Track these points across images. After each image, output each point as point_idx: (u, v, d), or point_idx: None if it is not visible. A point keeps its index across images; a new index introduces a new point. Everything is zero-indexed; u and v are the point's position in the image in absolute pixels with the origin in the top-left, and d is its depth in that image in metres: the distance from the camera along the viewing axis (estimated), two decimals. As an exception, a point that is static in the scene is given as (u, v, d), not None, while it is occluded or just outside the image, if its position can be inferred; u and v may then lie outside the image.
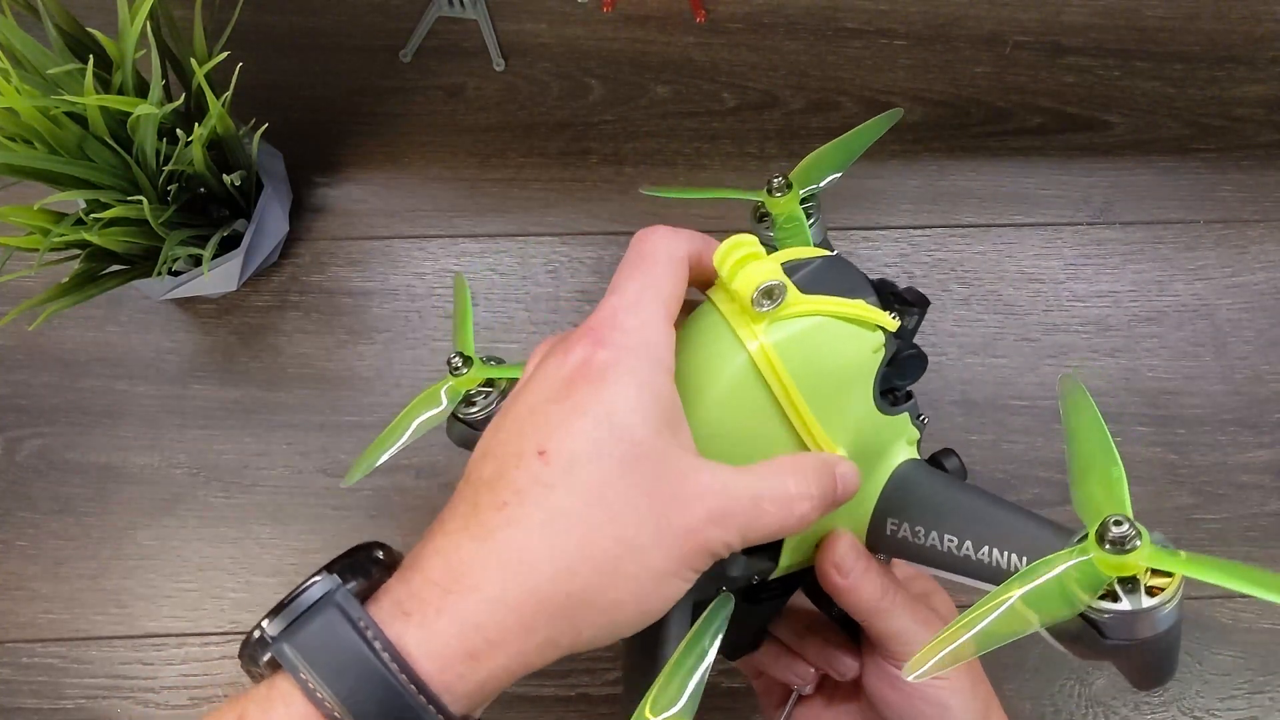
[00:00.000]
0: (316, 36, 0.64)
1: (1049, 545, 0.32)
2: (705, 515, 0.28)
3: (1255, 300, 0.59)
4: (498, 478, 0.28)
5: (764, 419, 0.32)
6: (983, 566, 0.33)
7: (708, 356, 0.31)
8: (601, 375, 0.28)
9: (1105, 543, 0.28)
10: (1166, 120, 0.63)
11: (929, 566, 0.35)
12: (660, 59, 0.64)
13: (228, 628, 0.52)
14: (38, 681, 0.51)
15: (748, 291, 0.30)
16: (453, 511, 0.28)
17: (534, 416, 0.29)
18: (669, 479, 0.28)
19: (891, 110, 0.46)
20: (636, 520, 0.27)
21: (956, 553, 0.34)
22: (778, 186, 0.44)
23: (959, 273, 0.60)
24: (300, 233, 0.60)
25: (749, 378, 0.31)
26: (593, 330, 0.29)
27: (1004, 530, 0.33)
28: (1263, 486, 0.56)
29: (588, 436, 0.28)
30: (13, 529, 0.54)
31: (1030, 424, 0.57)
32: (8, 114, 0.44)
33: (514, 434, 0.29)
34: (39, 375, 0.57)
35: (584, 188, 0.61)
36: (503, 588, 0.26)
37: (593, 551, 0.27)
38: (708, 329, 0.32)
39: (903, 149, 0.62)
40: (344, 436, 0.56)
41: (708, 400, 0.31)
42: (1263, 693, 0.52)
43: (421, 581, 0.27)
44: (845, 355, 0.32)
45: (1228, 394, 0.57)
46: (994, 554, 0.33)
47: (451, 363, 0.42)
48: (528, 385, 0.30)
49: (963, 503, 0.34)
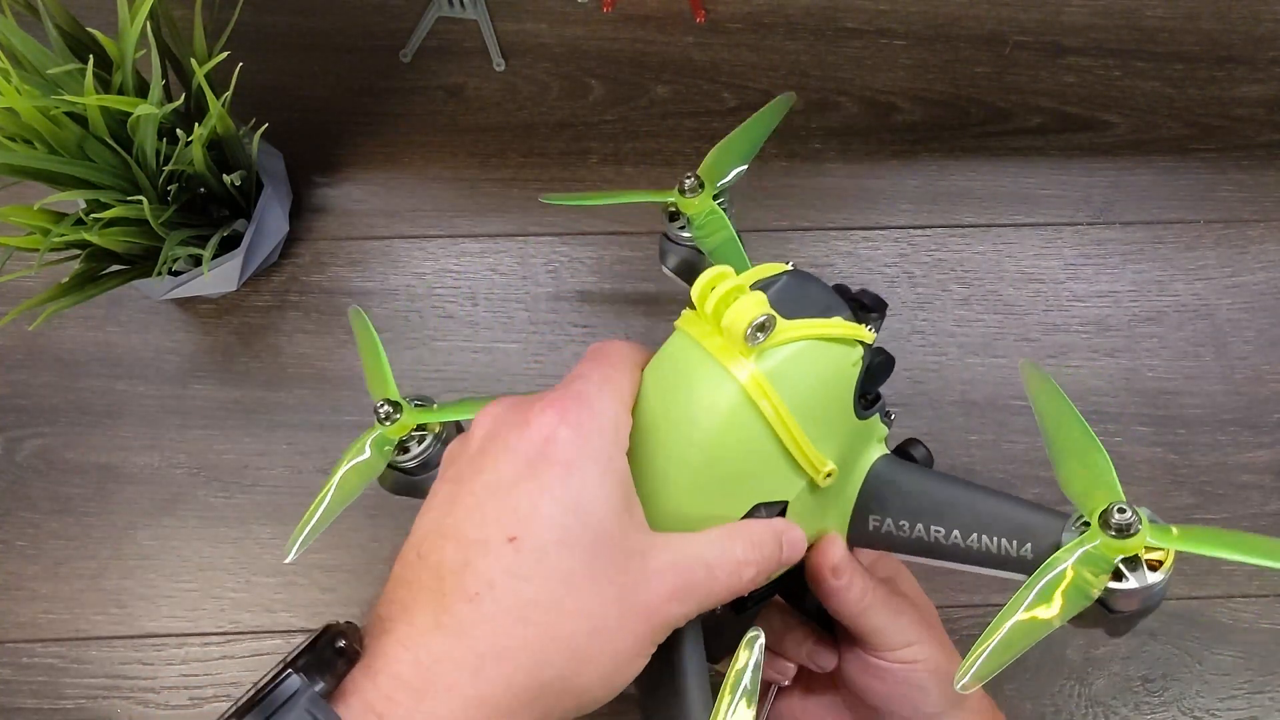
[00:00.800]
0: (316, 36, 0.64)
1: (1037, 526, 0.34)
2: (666, 593, 0.29)
3: (1255, 300, 0.59)
4: (464, 566, 0.27)
5: (759, 447, 0.32)
6: (972, 553, 0.35)
7: (697, 393, 0.31)
8: (568, 457, 0.29)
9: (1110, 529, 0.31)
10: (1166, 120, 0.63)
11: (916, 556, 0.36)
12: (660, 59, 0.64)
13: (228, 628, 0.52)
14: (37, 681, 0.51)
15: (741, 328, 0.30)
16: (413, 597, 0.28)
17: (498, 498, 0.28)
18: (631, 563, 0.29)
19: (784, 95, 0.48)
20: (603, 606, 0.28)
21: (945, 542, 0.35)
22: (691, 186, 0.45)
23: (959, 273, 0.60)
24: (300, 233, 0.60)
25: (743, 409, 0.31)
26: (557, 404, 0.30)
27: (989, 516, 0.35)
28: (1263, 486, 0.56)
29: (557, 524, 0.28)
30: (13, 529, 0.54)
31: (1030, 424, 0.56)
32: (8, 114, 0.44)
33: (476, 515, 0.28)
34: (39, 375, 0.57)
35: (584, 188, 0.61)
36: (476, 686, 0.26)
37: (565, 640, 0.27)
38: (691, 365, 0.32)
39: (903, 149, 0.62)
40: (344, 436, 0.56)
41: (701, 435, 0.31)
42: (1263, 693, 0.51)
43: (391, 682, 0.26)
44: (829, 373, 0.33)
45: (1228, 394, 0.57)
46: (983, 540, 0.35)
47: (380, 411, 0.41)
48: (484, 456, 0.30)
49: (943, 492, 0.36)
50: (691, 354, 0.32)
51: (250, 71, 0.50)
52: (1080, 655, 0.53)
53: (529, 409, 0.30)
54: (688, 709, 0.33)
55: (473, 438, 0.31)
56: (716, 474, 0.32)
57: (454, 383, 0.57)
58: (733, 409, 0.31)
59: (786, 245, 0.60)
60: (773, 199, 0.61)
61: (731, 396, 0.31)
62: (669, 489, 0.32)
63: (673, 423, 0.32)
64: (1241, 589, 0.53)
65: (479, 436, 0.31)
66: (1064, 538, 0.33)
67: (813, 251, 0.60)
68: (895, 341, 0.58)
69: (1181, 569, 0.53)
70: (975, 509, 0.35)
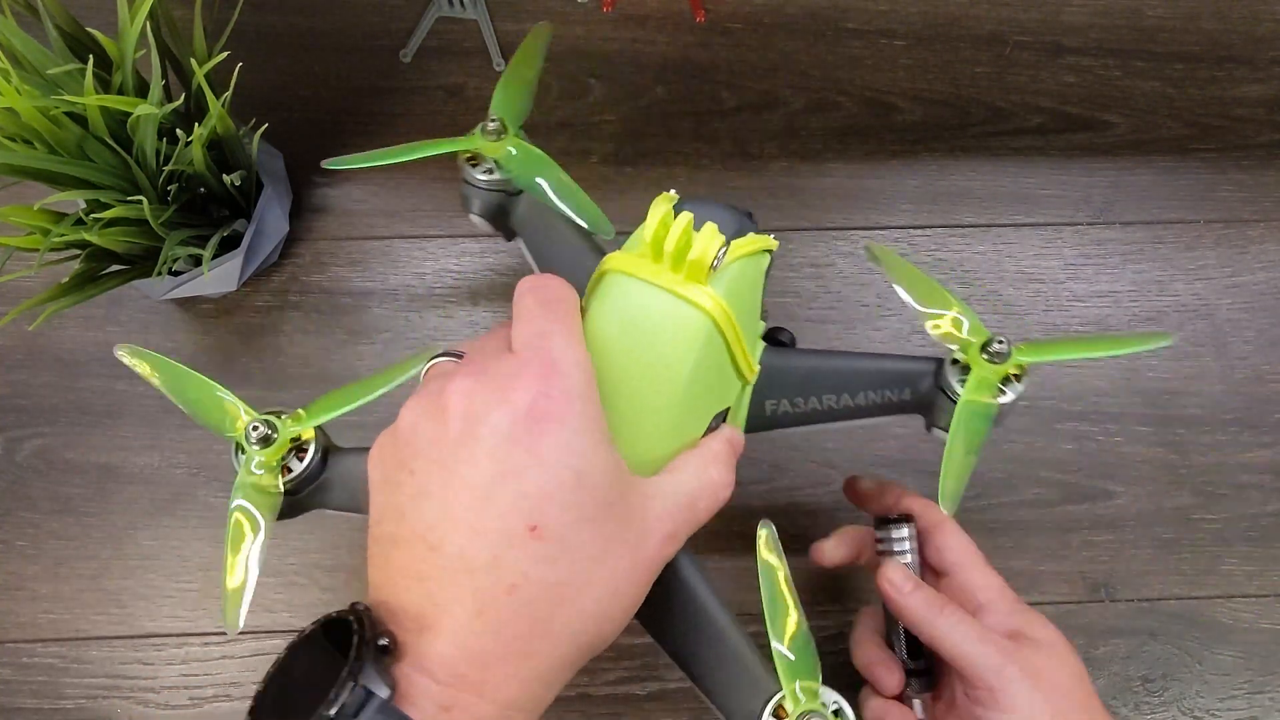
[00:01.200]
0: (316, 36, 0.64)
1: (911, 372, 0.41)
2: (663, 538, 0.32)
3: (1255, 300, 0.59)
4: (494, 561, 0.28)
5: (720, 365, 0.35)
6: (862, 409, 0.41)
7: (666, 333, 0.33)
8: (560, 428, 0.29)
9: (992, 357, 0.39)
10: (1166, 120, 0.63)
11: (818, 424, 0.42)
12: (660, 59, 0.64)
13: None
14: (37, 681, 0.51)
15: (709, 260, 0.32)
16: (444, 591, 0.29)
17: (506, 484, 0.29)
18: (634, 521, 0.31)
19: (540, 25, 0.50)
20: (619, 568, 0.31)
21: (837, 406, 0.41)
22: (495, 129, 0.45)
23: (959, 273, 0.60)
24: (300, 233, 0.60)
25: (713, 335, 0.34)
26: (533, 372, 0.30)
27: (869, 374, 0.41)
28: (1263, 486, 0.56)
29: (570, 503, 0.29)
30: (13, 529, 0.54)
31: (1030, 424, 0.57)
32: (8, 114, 0.44)
33: (488, 506, 0.29)
34: (39, 375, 0.57)
35: (584, 187, 0.61)
36: (529, 667, 0.29)
37: (593, 608, 0.30)
38: (650, 306, 0.33)
39: (903, 149, 0.62)
40: (344, 436, 0.56)
41: (678, 373, 0.33)
42: (1263, 693, 0.52)
43: (452, 678, 0.28)
44: (754, 282, 0.37)
45: (1228, 394, 0.57)
46: (869, 395, 0.41)
47: (252, 432, 0.37)
48: (470, 437, 0.29)
49: (826, 365, 0.41)
50: (645, 296, 0.33)
51: (250, 71, 0.50)
52: (1080, 655, 0.53)
53: (502, 380, 0.30)
54: (712, 613, 0.37)
55: (446, 411, 0.30)
56: (691, 406, 0.34)
57: (454, 383, 0.57)
58: (705, 339, 0.33)
59: (786, 245, 0.60)
60: (773, 199, 0.61)
61: (702, 327, 0.33)
62: (642, 435, 0.33)
63: (644, 368, 0.33)
64: (1241, 589, 0.53)
65: (454, 412, 0.30)
66: (951, 379, 0.39)
67: (813, 252, 0.60)
68: (895, 342, 0.58)
69: (1181, 569, 0.54)
70: (856, 372, 0.41)
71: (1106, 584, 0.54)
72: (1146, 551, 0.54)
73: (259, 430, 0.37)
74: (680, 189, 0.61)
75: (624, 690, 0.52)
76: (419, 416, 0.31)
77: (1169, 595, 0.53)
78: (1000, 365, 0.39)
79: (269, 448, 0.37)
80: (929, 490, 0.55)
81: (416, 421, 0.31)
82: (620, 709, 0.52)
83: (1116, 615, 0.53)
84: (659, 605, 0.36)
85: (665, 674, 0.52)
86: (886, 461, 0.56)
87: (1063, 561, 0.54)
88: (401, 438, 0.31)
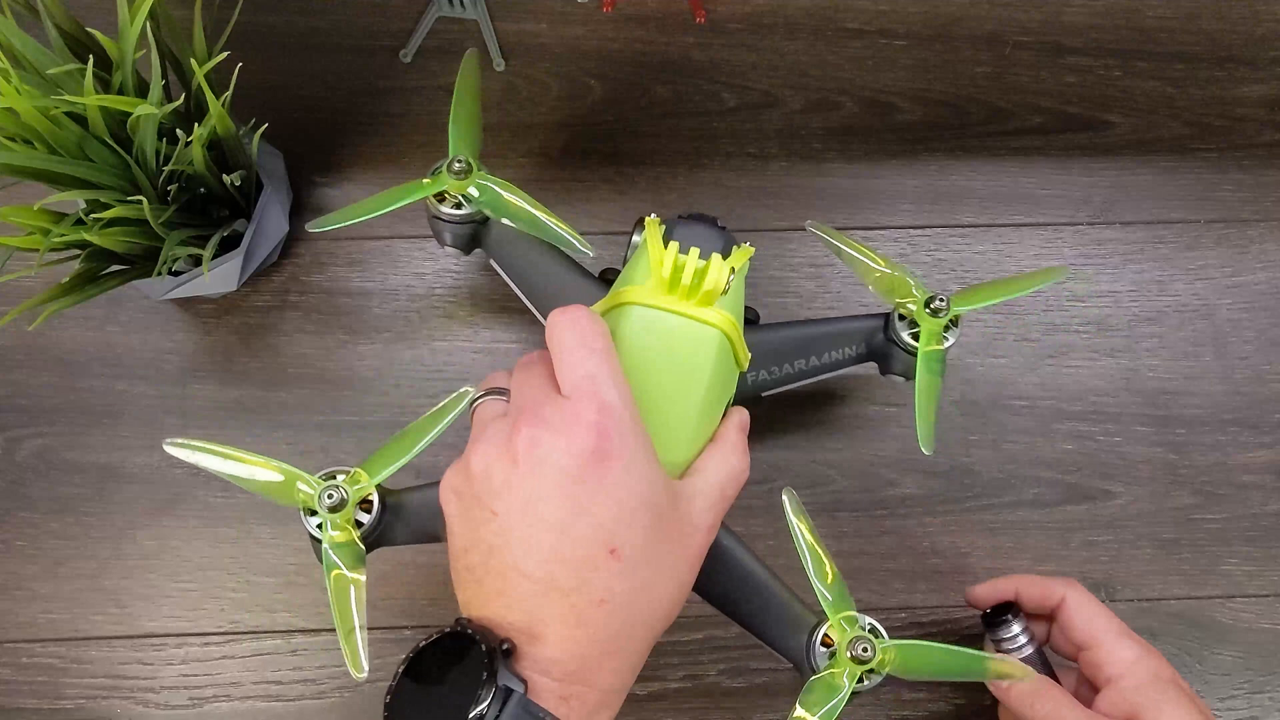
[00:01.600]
0: (316, 36, 0.64)
1: (862, 329, 0.49)
2: (706, 532, 0.38)
3: (1255, 300, 0.59)
4: (583, 583, 0.34)
5: (730, 368, 0.41)
6: (824, 367, 0.49)
7: (686, 355, 0.39)
8: (617, 459, 0.34)
9: (934, 311, 0.46)
10: (1167, 120, 0.63)
11: (792, 384, 0.49)
12: (660, 59, 0.64)
13: (228, 628, 0.52)
14: (37, 681, 0.51)
15: (720, 288, 0.38)
16: (542, 607, 0.34)
17: (581, 518, 0.34)
18: (685, 526, 0.37)
19: (469, 52, 0.53)
20: (679, 571, 0.37)
21: (806, 367, 0.49)
22: (460, 169, 0.48)
23: (959, 273, 0.60)
24: (300, 233, 0.60)
25: (724, 348, 0.40)
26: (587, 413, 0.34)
27: (828, 336, 0.49)
28: (1263, 486, 0.56)
29: (639, 523, 0.34)
30: (12, 529, 0.54)
31: (1030, 424, 0.57)
32: (8, 114, 0.44)
33: (566, 537, 0.34)
34: (39, 375, 0.57)
35: (584, 188, 0.61)
36: (622, 659, 0.36)
37: (661, 607, 0.36)
38: (671, 333, 0.39)
39: (903, 149, 0.62)
40: (344, 436, 0.56)
41: (700, 387, 0.39)
42: (1263, 693, 0.52)
43: (566, 675, 0.34)
44: (741, 287, 0.42)
45: (1228, 394, 0.57)
46: (830, 354, 0.49)
47: (325, 500, 0.41)
48: (536, 477, 0.34)
49: (791, 334, 0.49)
50: (668, 323, 0.39)
51: (250, 71, 0.50)
52: None
53: (563, 426, 0.34)
54: (752, 570, 0.44)
55: (516, 457, 0.34)
56: (711, 407, 0.40)
57: (454, 383, 0.57)
58: (719, 349, 0.39)
59: (786, 245, 0.60)
60: (773, 199, 0.61)
61: (716, 340, 0.39)
62: (676, 442, 0.39)
63: (672, 383, 0.39)
64: (1242, 589, 0.53)
65: (524, 458, 0.34)
66: (898, 329, 0.47)
67: (812, 252, 0.60)
68: (895, 341, 0.58)
69: (1181, 569, 0.54)
70: (819, 335, 0.49)
71: (1106, 584, 0.54)
72: (1147, 551, 0.54)
73: (332, 498, 0.41)
74: (680, 189, 0.61)
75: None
76: (491, 461, 0.35)
77: (1169, 595, 0.53)
78: (942, 318, 0.46)
79: (342, 511, 0.41)
80: (929, 489, 0.55)
81: (489, 466, 0.35)
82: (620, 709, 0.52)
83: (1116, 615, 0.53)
84: (708, 573, 0.42)
85: (665, 674, 0.52)
86: (886, 461, 0.56)
87: (1063, 561, 0.54)
88: (476, 480, 0.36)
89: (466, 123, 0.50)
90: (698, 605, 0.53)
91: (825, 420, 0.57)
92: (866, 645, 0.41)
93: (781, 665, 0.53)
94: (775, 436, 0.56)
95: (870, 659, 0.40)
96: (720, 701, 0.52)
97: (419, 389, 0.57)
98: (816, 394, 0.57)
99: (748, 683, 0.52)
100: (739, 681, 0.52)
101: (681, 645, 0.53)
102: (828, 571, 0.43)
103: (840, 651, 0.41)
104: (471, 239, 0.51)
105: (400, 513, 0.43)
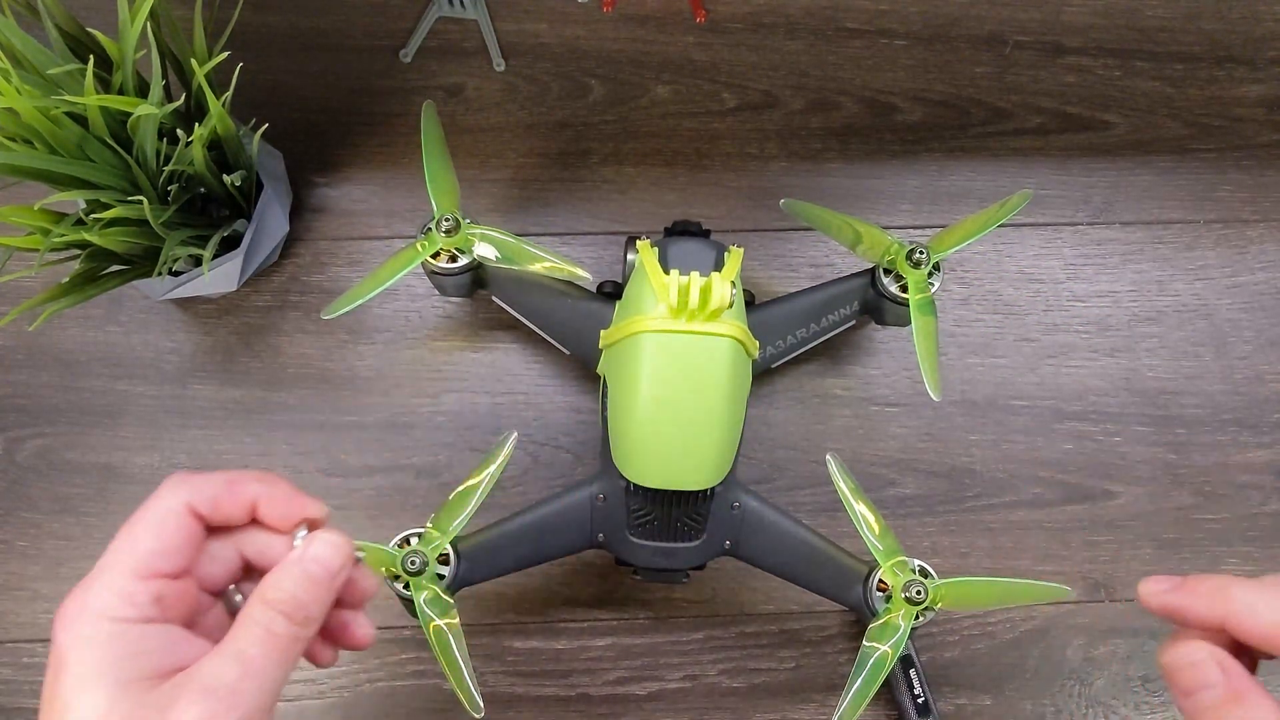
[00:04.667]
0: (316, 36, 0.64)
1: (856, 286, 0.51)
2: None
3: (1255, 300, 0.59)
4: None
5: (744, 363, 0.43)
6: (821, 333, 0.52)
7: (703, 368, 0.41)
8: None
9: (916, 263, 0.49)
10: (1166, 120, 0.63)
11: (797, 351, 0.52)
12: (660, 59, 0.64)
13: (228, 628, 0.52)
14: (38, 681, 0.51)
15: (726, 304, 0.40)
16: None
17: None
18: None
19: (425, 106, 0.52)
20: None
21: (809, 334, 0.52)
22: (449, 228, 0.50)
23: (959, 273, 0.60)
24: (300, 233, 0.60)
25: (739, 352, 0.42)
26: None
27: (820, 305, 0.51)
28: (1263, 486, 0.56)
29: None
30: (13, 529, 0.54)
31: (1030, 424, 0.57)
32: (8, 114, 0.44)
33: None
34: (39, 375, 0.57)
35: (584, 188, 0.61)
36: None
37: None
38: (688, 352, 0.41)
39: (903, 149, 0.62)
40: (344, 436, 0.56)
41: (721, 391, 0.41)
42: (1263, 693, 0.51)
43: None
44: (739, 289, 0.44)
45: (1228, 394, 0.57)
46: (830, 317, 0.52)
47: (409, 565, 0.45)
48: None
49: (789, 308, 0.51)
50: (685, 343, 0.41)
51: (250, 71, 0.50)
52: (1080, 655, 0.53)
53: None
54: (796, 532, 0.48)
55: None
56: (735, 405, 0.43)
57: (453, 383, 0.57)
58: (734, 353, 0.42)
59: (786, 245, 0.60)
60: (773, 199, 0.61)
61: (730, 346, 0.41)
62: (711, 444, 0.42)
63: (698, 395, 0.41)
64: (1241, 589, 0.53)
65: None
66: (885, 282, 0.50)
67: (813, 252, 0.60)
68: (895, 342, 0.58)
69: (1181, 569, 0.54)
70: (815, 302, 0.51)
71: (1106, 584, 0.54)
72: (1146, 551, 0.54)
73: (414, 564, 0.44)
74: (680, 189, 0.61)
75: (624, 690, 0.52)
76: None
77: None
78: (924, 268, 0.49)
79: (425, 574, 0.45)
80: (929, 489, 0.55)
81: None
82: (620, 709, 0.52)
83: (1116, 615, 0.53)
84: (757, 545, 0.47)
85: (665, 674, 0.52)
86: (886, 461, 0.56)
87: (1063, 561, 0.54)
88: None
89: (442, 176, 0.51)
90: (697, 605, 0.54)
91: (825, 420, 0.57)
92: (920, 588, 0.45)
93: (782, 665, 0.53)
94: (775, 436, 0.56)
95: (923, 600, 0.45)
96: (720, 701, 0.52)
97: (419, 389, 0.57)
98: (817, 394, 0.57)
99: (748, 683, 0.52)
100: (739, 681, 0.52)
101: (681, 645, 0.53)
102: (874, 525, 0.47)
103: (895, 594, 0.46)
104: (473, 284, 0.52)
105: (475, 557, 0.47)
